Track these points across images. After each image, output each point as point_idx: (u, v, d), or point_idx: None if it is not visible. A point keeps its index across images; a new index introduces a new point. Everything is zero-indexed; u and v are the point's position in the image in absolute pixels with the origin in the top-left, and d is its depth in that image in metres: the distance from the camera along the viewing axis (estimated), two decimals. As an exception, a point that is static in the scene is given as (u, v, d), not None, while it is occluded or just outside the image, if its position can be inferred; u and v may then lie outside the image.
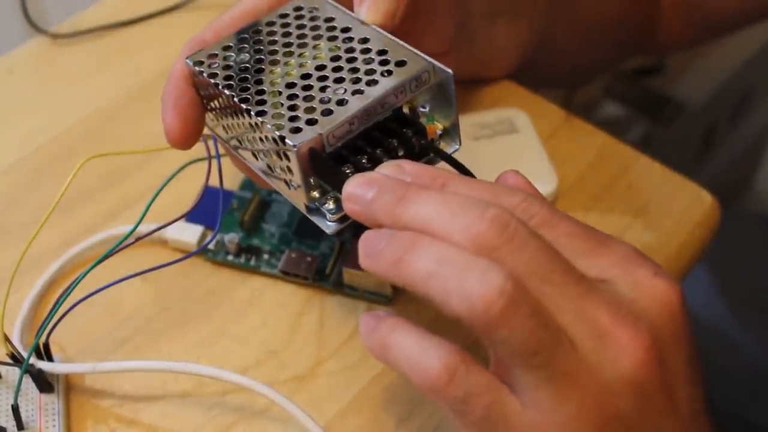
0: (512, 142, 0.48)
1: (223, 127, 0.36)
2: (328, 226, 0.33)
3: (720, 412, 0.61)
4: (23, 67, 0.56)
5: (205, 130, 0.38)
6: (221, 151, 0.39)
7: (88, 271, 0.37)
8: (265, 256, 0.44)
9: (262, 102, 0.33)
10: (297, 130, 0.32)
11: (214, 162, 0.38)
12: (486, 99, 0.51)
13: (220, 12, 0.38)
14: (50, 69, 0.56)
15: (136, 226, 0.38)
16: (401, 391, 0.40)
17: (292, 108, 0.33)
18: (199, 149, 0.38)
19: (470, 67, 0.49)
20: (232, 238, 0.44)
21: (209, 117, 0.37)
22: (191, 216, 0.42)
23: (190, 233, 0.44)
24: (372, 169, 0.32)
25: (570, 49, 0.56)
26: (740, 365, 0.64)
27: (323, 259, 0.43)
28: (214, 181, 0.39)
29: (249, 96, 0.33)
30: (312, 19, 0.36)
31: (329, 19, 0.36)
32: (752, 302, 0.67)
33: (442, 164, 0.34)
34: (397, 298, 0.43)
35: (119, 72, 0.55)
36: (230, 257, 0.44)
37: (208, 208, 0.41)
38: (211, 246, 0.44)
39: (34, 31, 0.57)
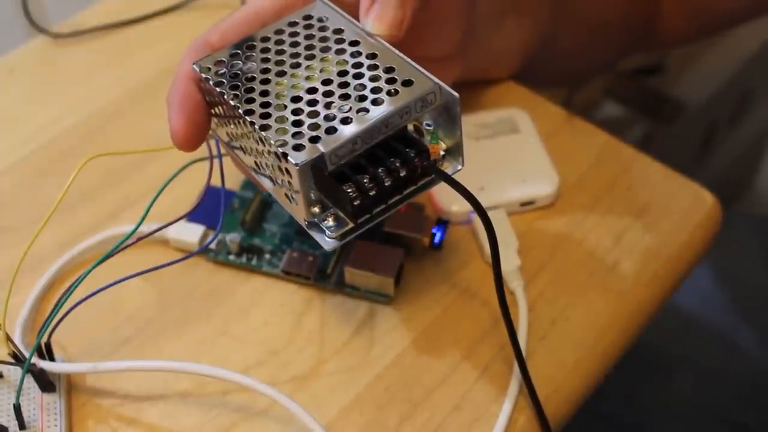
0: (513, 142, 0.48)
1: (228, 134, 0.36)
2: (327, 242, 0.33)
3: (716, 417, 0.61)
4: (24, 66, 0.56)
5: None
6: (223, 151, 0.39)
7: (89, 271, 0.37)
8: (267, 256, 0.44)
9: (267, 115, 0.33)
10: (300, 147, 0.31)
11: (216, 162, 0.38)
12: (487, 99, 0.51)
13: (220, 12, 0.38)
14: (51, 69, 0.56)
15: (138, 226, 0.38)
16: (402, 390, 0.40)
17: (296, 123, 0.32)
18: (200, 149, 0.38)
19: (476, 69, 0.49)
20: (233, 237, 0.44)
21: (214, 122, 0.37)
22: (193, 216, 0.43)
23: (191, 233, 0.44)
24: (373, 189, 0.32)
25: (573, 49, 0.56)
26: (736, 368, 0.64)
27: (324, 258, 0.43)
28: (215, 181, 0.39)
29: (254, 108, 0.33)
30: (321, 29, 0.35)
31: (338, 31, 0.35)
32: (751, 303, 0.67)
33: (443, 185, 0.34)
34: (397, 299, 0.43)
35: (120, 72, 0.55)
36: (231, 257, 0.44)
37: (209, 208, 0.41)
38: (212, 246, 0.44)
39: (35, 31, 0.57)
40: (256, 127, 0.33)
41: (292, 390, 0.40)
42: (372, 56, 0.34)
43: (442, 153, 0.34)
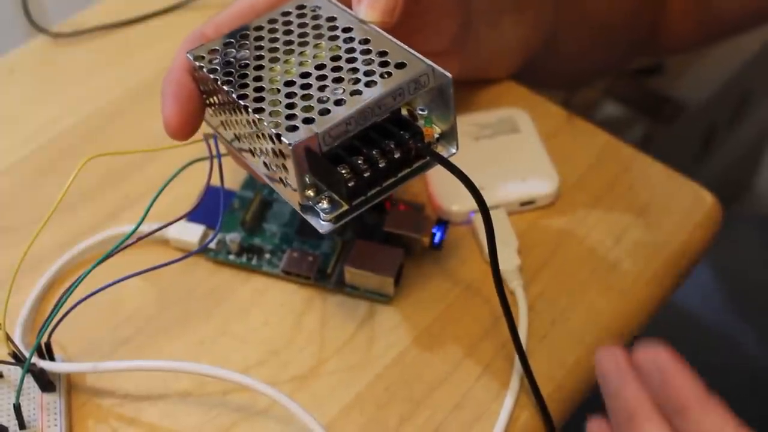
0: (513, 142, 0.48)
1: (222, 123, 0.36)
2: (322, 225, 0.33)
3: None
4: (24, 66, 0.56)
5: (208, 129, 0.38)
6: (222, 150, 0.39)
7: (89, 271, 0.37)
8: (267, 256, 0.44)
9: (261, 99, 0.33)
10: (293, 129, 0.32)
11: (216, 161, 0.38)
12: (487, 98, 0.51)
13: (220, 10, 0.38)
14: (51, 68, 0.56)
15: (138, 226, 0.37)
16: (403, 389, 0.40)
17: (289, 106, 0.33)
18: (200, 149, 0.38)
19: (475, 68, 0.49)
20: (233, 237, 0.44)
21: (208, 112, 0.37)
22: (193, 215, 0.43)
23: (191, 233, 0.44)
24: (368, 170, 0.32)
25: (576, 52, 0.56)
26: (739, 364, 0.64)
27: (325, 258, 0.43)
28: (215, 181, 0.39)
29: (247, 93, 0.33)
30: (314, 17, 0.36)
31: (331, 19, 0.36)
32: (751, 301, 0.67)
33: (439, 168, 0.34)
34: (398, 298, 0.43)
35: (120, 71, 0.55)
36: (231, 257, 0.44)
37: (209, 208, 0.41)
38: (212, 245, 0.44)
39: (35, 31, 0.57)
40: (250, 110, 0.33)
41: (292, 390, 0.40)
42: (365, 41, 0.34)
43: (436, 136, 0.34)
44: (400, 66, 0.33)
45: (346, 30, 0.35)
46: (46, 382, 0.39)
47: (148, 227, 0.39)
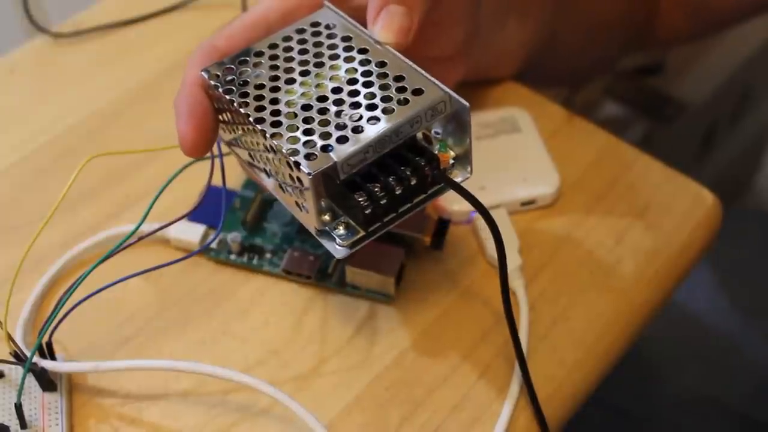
0: (514, 142, 0.48)
1: (235, 140, 0.36)
2: (338, 250, 0.33)
3: (725, 411, 0.61)
4: (24, 66, 0.56)
5: None
6: (224, 150, 0.39)
7: (90, 271, 0.37)
8: (268, 255, 0.44)
9: (278, 124, 0.33)
10: (311, 157, 0.31)
11: (217, 161, 0.38)
12: (488, 98, 0.51)
13: (220, 12, 0.38)
14: (51, 69, 0.56)
15: (139, 226, 0.38)
16: (403, 389, 0.40)
17: (307, 132, 0.32)
18: (201, 148, 0.38)
19: (479, 69, 0.49)
20: (234, 237, 0.44)
21: (221, 128, 0.37)
22: (194, 215, 0.43)
23: (192, 232, 0.44)
24: (384, 198, 0.32)
25: (573, 49, 0.57)
26: (745, 364, 0.64)
27: (326, 258, 0.43)
28: (216, 181, 0.39)
29: (264, 116, 0.33)
30: (329, 37, 0.36)
31: (346, 39, 0.35)
32: (756, 301, 0.67)
33: (452, 193, 0.34)
34: (398, 298, 0.43)
35: (120, 71, 0.55)
36: (232, 256, 0.44)
37: (210, 208, 0.41)
38: (213, 245, 0.44)
39: (35, 31, 0.57)
40: (267, 135, 0.32)
41: (292, 389, 0.40)
42: (381, 65, 0.34)
43: (451, 162, 0.34)
44: (417, 92, 0.33)
45: (362, 51, 0.35)
46: (47, 382, 0.39)
47: (149, 227, 0.39)
